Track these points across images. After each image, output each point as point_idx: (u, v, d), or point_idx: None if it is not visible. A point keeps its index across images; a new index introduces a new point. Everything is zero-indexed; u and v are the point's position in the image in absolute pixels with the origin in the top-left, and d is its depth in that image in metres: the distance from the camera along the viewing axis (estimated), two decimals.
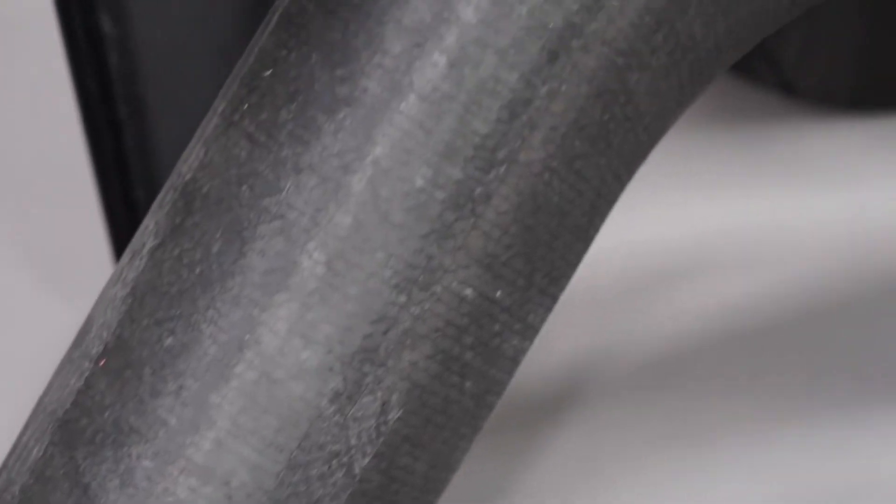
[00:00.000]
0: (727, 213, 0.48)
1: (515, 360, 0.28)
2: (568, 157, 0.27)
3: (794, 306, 0.44)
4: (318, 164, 0.26)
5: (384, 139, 0.26)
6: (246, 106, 0.27)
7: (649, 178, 0.43)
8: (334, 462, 0.26)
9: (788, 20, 0.30)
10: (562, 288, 0.29)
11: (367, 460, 0.26)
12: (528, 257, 0.27)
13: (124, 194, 0.38)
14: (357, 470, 0.26)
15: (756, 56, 0.44)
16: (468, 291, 0.26)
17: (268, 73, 0.27)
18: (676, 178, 0.49)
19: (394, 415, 0.26)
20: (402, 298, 0.26)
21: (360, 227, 0.26)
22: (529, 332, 0.28)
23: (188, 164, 0.28)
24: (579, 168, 0.27)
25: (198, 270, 0.26)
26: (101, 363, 0.27)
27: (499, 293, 0.27)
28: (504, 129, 0.26)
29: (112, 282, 0.28)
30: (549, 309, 0.29)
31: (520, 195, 0.26)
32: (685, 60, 0.28)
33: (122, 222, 0.38)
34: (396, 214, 0.26)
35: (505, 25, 0.26)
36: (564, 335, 0.43)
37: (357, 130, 0.26)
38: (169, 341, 0.26)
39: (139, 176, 0.38)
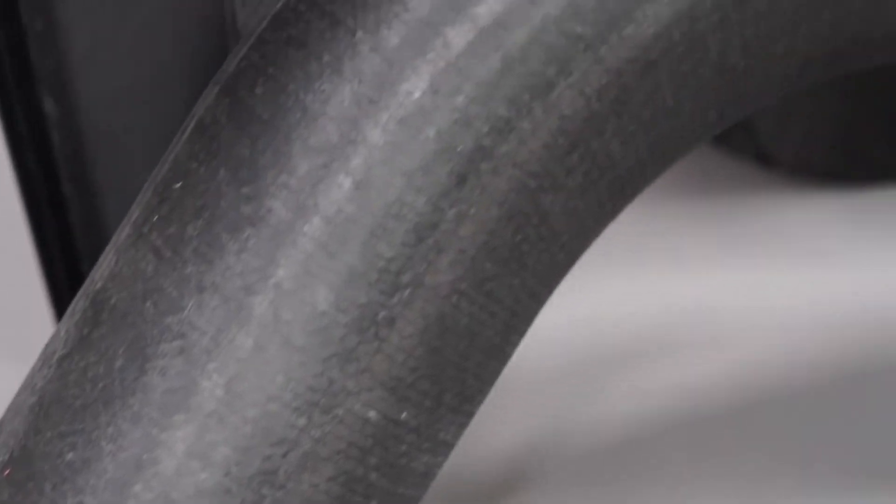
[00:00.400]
0: (694, 288, 0.47)
1: (427, 475, 0.28)
2: (478, 280, 0.26)
3: (759, 389, 0.44)
4: (220, 284, 0.26)
5: (287, 261, 0.26)
6: (156, 217, 0.27)
7: (613, 250, 0.43)
8: None
9: (716, 133, 0.29)
10: (477, 403, 0.28)
11: None
12: (436, 379, 0.27)
13: (70, 270, 0.38)
14: None
15: (733, 125, 0.43)
16: (372, 414, 0.26)
17: (178, 184, 0.27)
18: (642, 250, 0.49)
19: None
20: (303, 421, 0.26)
21: (260, 350, 0.26)
22: (442, 448, 0.28)
23: (100, 271, 0.28)
24: (490, 290, 0.27)
25: (101, 385, 0.26)
26: (6, 473, 0.27)
27: (404, 414, 0.26)
28: (410, 253, 0.26)
29: (24, 387, 0.28)
30: (463, 424, 0.28)
31: (426, 318, 0.26)
32: (603, 179, 0.27)
33: (67, 298, 0.38)
34: (298, 338, 0.26)
35: (412, 148, 0.26)
36: (518, 414, 0.42)
37: (260, 251, 0.26)
38: (70, 456, 0.26)
39: (86, 251, 0.37)
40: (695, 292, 0.47)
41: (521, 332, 0.28)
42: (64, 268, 0.38)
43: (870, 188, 0.52)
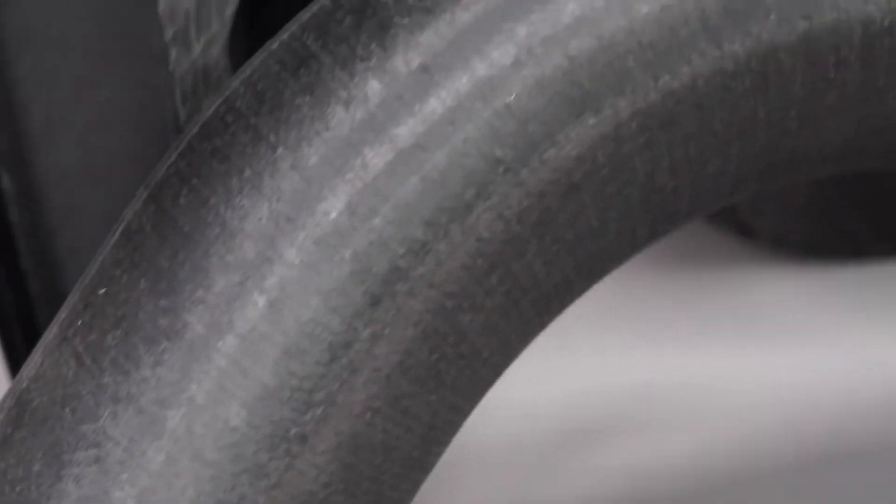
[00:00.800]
0: (668, 364, 0.47)
1: None
2: (393, 397, 0.26)
3: (733, 470, 0.43)
4: (135, 396, 0.26)
5: (201, 376, 0.26)
6: (80, 322, 0.27)
7: (582, 323, 0.42)
8: None
9: (645, 248, 0.29)
10: None
11: None
12: (351, 493, 0.27)
13: (30, 344, 0.38)
14: None
15: None
16: None
17: (102, 291, 0.27)
18: (614, 324, 0.48)
19: None
20: None
21: (172, 463, 0.26)
22: None
23: (27, 370, 0.28)
24: (406, 407, 0.27)
25: (18, 489, 0.26)
26: None
27: None
28: (323, 372, 0.26)
29: None
30: None
31: (339, 436, 0.26)
32: (526, 299, 0.27)
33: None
34: (209, 452, 0.26)
35: (328, 268, 0.26)
36: (476, 491, 0.42)
37: (175, 366, 0.26)
38: None
39: (46, 325, 0.38)
40: (668, 368, 0.46)
41: (443, 443, 0.28)
42: (24, 342, 0.38)
43: (849, 264, 0.51)
